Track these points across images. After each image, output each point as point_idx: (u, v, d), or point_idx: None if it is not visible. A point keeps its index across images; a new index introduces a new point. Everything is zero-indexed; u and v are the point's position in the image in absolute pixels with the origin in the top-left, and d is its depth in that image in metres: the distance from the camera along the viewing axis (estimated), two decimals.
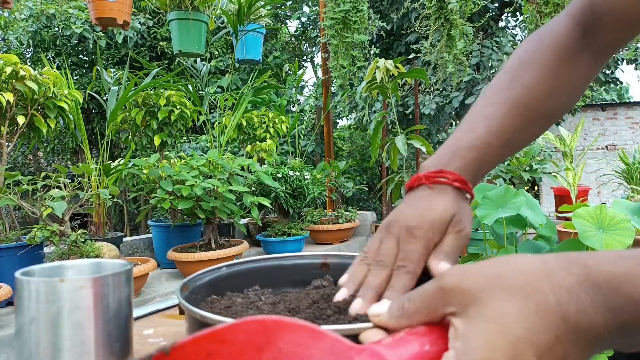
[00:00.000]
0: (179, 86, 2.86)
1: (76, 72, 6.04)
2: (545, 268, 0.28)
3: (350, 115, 6.64)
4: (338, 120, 7.59)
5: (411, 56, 4.31)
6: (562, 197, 2.74)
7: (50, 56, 5.77)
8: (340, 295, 0.42)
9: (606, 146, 7.66)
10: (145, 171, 2.08)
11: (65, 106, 2.08)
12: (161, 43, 6.07)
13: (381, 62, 2.51)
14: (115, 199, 2.16)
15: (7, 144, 2.02)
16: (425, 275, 0.41)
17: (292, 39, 7.39)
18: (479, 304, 0.27)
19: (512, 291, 0.27)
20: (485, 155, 0.47)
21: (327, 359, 0.26)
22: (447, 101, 5.46)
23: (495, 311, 0.27)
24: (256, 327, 0.26)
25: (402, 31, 5.29)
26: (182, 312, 0.53)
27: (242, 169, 2.29)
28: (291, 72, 5.96)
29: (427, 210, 0.43)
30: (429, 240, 0.42)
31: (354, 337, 0.33)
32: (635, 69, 6.01)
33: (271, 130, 3.27)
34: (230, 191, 2.06)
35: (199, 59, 3.29)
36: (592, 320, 0.26)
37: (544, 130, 0.54)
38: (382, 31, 5.90)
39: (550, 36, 0.53)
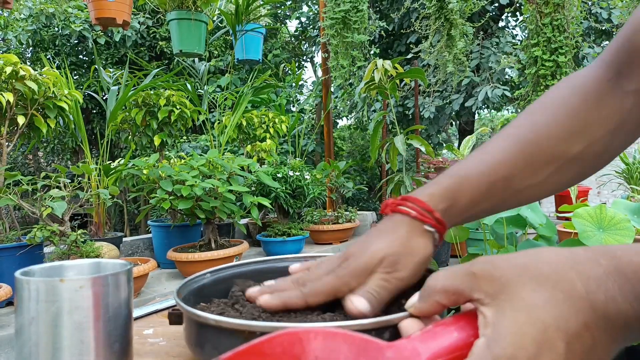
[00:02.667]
0: (179, 86, 2.86)
1: (76, 72, 6.04)
2: (573, 259, 0.28)
3: (350, 115, 6.65)
4: (338, 120, 7.58)
5: (410, 56, 4.31)
6: (562, 197, 2.75)
7: (49, 56, 5.77)
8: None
9: None
10: (145, 171, 2.08)
11: (65, 106, 2.08)
12: (160, 43, 6.06)
13: (379, 62, 2.51)
14: (115, 199, 2.16)
15: (7, 144, 2.02)
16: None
17: (292, 38, 7.38)
18: (508, 293, 0.28)
19: (540, 280, 0.28)
20: (466, 185, 0.44)
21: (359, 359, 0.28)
22: (447, 102, 5.47)
23: (524, 300, 0.27)
24: (291, 338, 0.27)
25: (402, 31, 5.29)
26: (171, 323, 0.52)
27: (242, 169, 2.29)
28: (290, 72, 5.96)
29: (361, 248, 0.42)
30: (340, 279, 0.41)
31: (393, 328, 0.35)
32: None
33: (271, 130, 3.26)
34: (230, 191, 2.06)
35: (198, 59, 3.29)
36: (620, 308, 0.26)
37: (570, 178, 0.48)
38: (382, 31, 5.90)
39: (576, 78, 0.50)
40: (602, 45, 5.48)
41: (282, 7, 6.77)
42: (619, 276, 0.27)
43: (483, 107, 5.30)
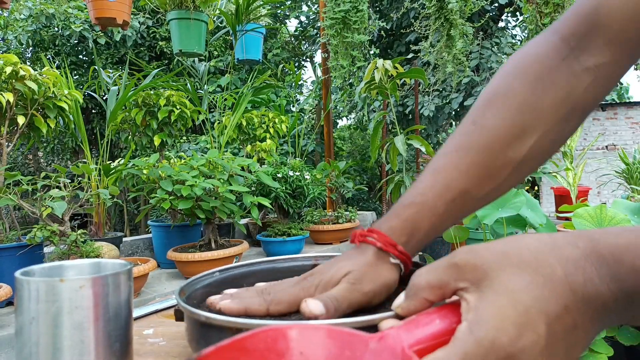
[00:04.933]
0: (179, 86, 2.86)
1: (76, 72, 6.04)
2: (553, 243, 0.29)
3: (350, 115, 6.65)
4: (338, 120, 7.59)
5: (410, 56, 4.31)
6: (562, 197, 2.75)
7: (49, 56, 5.77)
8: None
9: (606, 146, 7.66)
10: (145, 171, 2.08)
11: (65, 106, 2.08)
12: (160, 43, 6.06)
13: (380, 62, 2.51)
14: (115, 199, 2.16)
15: (7, 144, 2.02)
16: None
17: (292, 38, 7.39)
18: (490, 279, 0.29)
19: (520, 266, 0.28)
20: (425, 212, 0.43)
21: (344, 353, 0.28)
22: (447, 102, 5.47)
23: (505, 284, 0.28)
24: (275, 334, 0.27)
25: (402, 30, 5.28)
26: (178, 319, 0.53)
27: (242, 169, 2.29)
28: (289, 72, 5.96)
29: (328, 266, 0.45)
30: (304, 290, 0.43)
31: (374, 327, 0.35)
32: (635, 68, 6.02)
33: (271, 130, 3.26)
34: (230, 191, 2.06)
35: (198, 59, 3.29)
36: (598, 290, 0.27)
37: (528, 171, 0.46)
38: (382, 31, 5.90)
39: (528, 59, 0.45)
40: None
41: (282, 7, 6.77)
42: (597, 258, 0.28)
43: None
